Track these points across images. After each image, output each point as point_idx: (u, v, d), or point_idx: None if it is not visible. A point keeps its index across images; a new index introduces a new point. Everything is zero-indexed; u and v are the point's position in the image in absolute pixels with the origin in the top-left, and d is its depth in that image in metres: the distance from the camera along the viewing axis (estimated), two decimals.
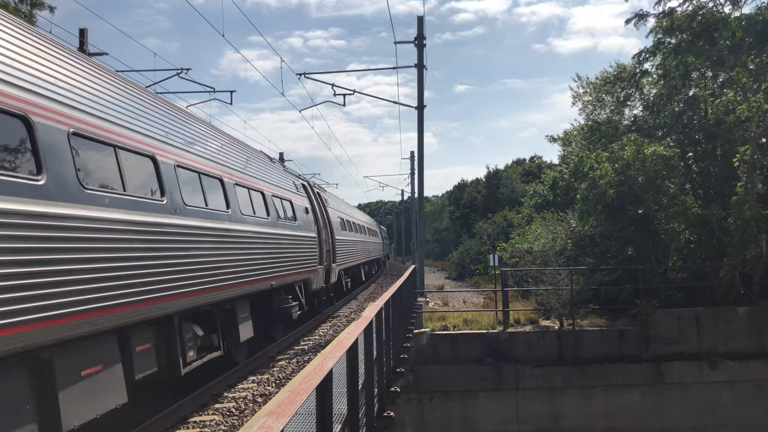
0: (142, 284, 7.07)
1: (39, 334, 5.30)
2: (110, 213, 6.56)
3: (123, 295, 6.64)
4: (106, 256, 6.39)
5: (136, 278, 6.95)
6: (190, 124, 10.29)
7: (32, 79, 5.83)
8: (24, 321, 5.11)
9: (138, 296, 6.96)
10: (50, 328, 5.44)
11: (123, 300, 6.64)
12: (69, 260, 5.81)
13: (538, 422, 15.81)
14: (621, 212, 18.16)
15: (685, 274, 17.85)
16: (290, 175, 17.55)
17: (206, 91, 23.55)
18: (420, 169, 23.85)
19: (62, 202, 5.82)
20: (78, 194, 6.07)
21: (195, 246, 8.68)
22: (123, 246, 6.72)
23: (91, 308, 6.05)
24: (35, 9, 20.03)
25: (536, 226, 23.36)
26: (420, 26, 22.18)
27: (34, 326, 5.23)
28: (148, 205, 7.45)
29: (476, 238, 40.38)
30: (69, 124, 6.19)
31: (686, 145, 19.99)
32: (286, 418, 3.05)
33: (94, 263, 6.18)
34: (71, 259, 5.85)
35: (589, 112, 26.56)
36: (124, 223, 6.82)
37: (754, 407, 16.29)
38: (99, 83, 7.26)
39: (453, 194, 76.46)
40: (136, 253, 7.00)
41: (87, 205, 6.18)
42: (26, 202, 5.31)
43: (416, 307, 17.31)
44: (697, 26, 17.57)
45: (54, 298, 5.51)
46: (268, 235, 12.40)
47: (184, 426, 8.06)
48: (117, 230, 6.65)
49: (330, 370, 4.31)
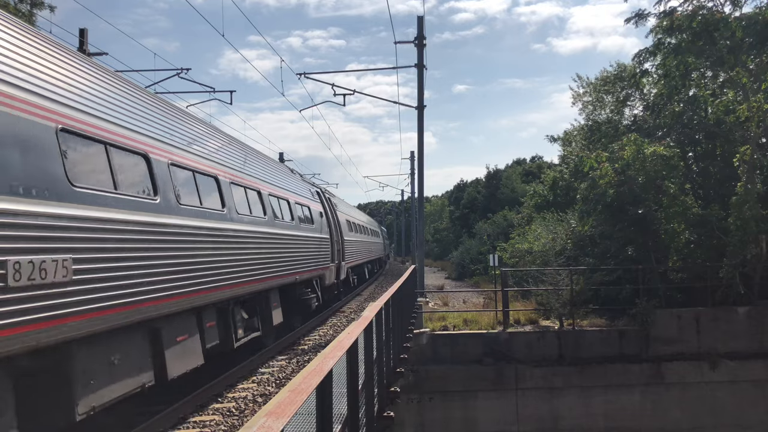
0: (211, 275, 9.08)
1: (153, 309, 7.35)
2: (202, 222, 9.02)
3: (200, 284, 8.63)
4: (191, 254, 8.46)
5: (208, 271, 8.99)
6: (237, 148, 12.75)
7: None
8: (144, 299, 7.08)
9: (208, 285, 8.96)
10: (161, 305, 7.53)
11: (200, 287, 8.65)
12: (178, 255, 8.07)
13: (538, 422, 15.80)
14: (621, 212, 18.16)
15: (685, 274, 17.84)
16: (307, 184, 20.19)
17: (206, 91, 23.58)
18: (420, 170, 23.85)
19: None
20: (176, 208, 8.25)
21: (245, 246, 10.78)
22: (204, 246, 8.95)
23: (186, 291, 8.15)
24: (35, 9, 20.02)
25: (536, 226, 23.35)
26: (420, 26, 22.18)
27: (152, 303, 7.30)
28: (213, 214, 9.48)
29: (476, 238, 40.42)
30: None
31: (686, 145, 20.00)
32: (286, 418, 3.05)
33: (193, 258, 8.45)
34: (179, 255, 8.08)
35: (589, 112, 26.62)
36: (205, 230, 9.02)
37: (754, 407, 16.29)
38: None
39: (453, 194, 76.51)
40: (208, 251, 9.12)
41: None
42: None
43: (416, 307, 17.31)
44: (697, 26, 17.57)
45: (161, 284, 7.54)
46: (294, 236, 14.73)
47: (184, 426, 8.05)
48: (203, 235, 8.95)
49: (330, 370, 4.31)
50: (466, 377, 15.72)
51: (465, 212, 56.83)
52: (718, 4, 18.26)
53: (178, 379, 8.64)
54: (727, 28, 17.04)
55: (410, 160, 45.48)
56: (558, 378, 15.97)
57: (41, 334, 5.33)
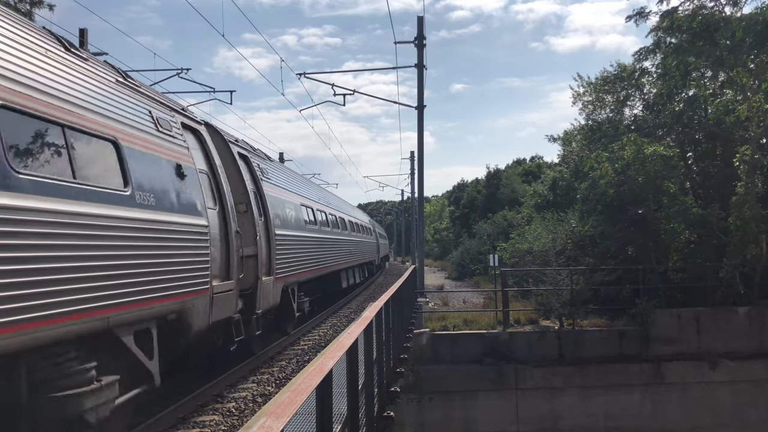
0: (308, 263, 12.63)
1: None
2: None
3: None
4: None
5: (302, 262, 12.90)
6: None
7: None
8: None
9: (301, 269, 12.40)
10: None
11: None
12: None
13: (538, 422, 15.80)
14: (621, 212, 18.16)
15: (685, 274, 17.84)
16: (367, 216, 27.25)
17: (206, 91, 23.56)
18: (420, 170, 23.85)
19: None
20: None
21: (318, 247, 14.68)
22: (310, 245, 12.69)
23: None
24: (34, 7, 20.01)
25: (536, 226, 23.35)
26: (420, 26, 22.17)
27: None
28: (312, 227, 12.76)
29: (476, 238, 40.36)
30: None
31: (686, 145, 20.00)
32: (286, 418, 3.05)
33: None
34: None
35: (589, 111, 26.60)
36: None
37: (754, 407, 16.29)
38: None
39: (453, 194, 76.46)
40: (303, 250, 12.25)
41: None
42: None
43: (416, 307, 17.31)
44: (698, 26, 17.59)
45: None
46: (370, 242, 20.12)
47: (184, 426, 8.04)
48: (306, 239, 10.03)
49: (330, 370, 4.31)
50: (466, 377, 15.72)
51: (465, 212, 56.78)
52: (718, 4, 18.27)
53: (178, 379, 8.61)
54: (728, 29, 17.05)
55: (410, 160, 45.49)
56: (558, 378, 15.97)
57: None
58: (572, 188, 23.86)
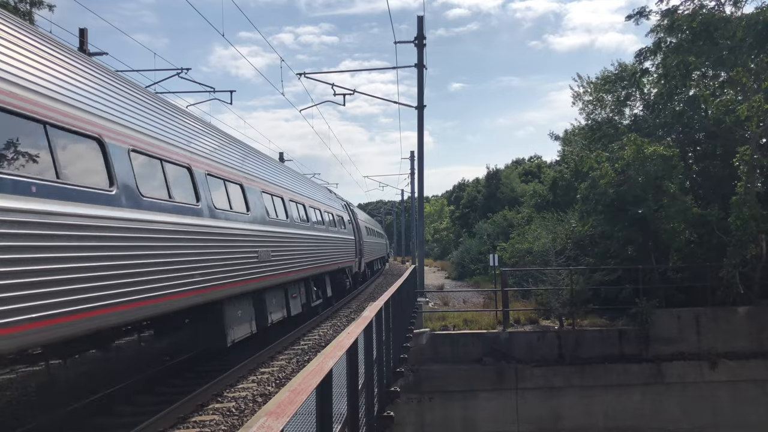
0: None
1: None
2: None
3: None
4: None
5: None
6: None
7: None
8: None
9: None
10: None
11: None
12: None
13: (538, 422, 15.80)
14: (621, 212, 18.17)
15: (685, 274, 17.85)
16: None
17: (206, 91, 23.54)
18: (420, 170, 23.86)
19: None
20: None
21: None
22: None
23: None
24: (34, 8, 20.02)
25: (536, 226, 23.34)
26: (420, 26, 22.18)
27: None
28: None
29: (476, 238, 40.36)
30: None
31: (686, 145, 20.01)
32: (286, 418, 3.04)
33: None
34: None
35: (589, 111, 26.55)
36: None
37: (754, 407, 16.29)
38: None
39: (453, 194, 76.49)
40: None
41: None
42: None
43: (416, 307, 17.30)
44: (698, 26, 17.59)
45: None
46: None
47: (184, 426, 8.04)
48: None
49: (330, 370, 4.31)
50: (466, 377, 15.72)
51: (465, 212, 56.80)
52: (718, 4, 18.27)
53: (177, 378, 8.65)
54: (728, 28, 17.05)
55: (410, 159, 45.52)
56: (558, 378, 15.97)
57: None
58: (572, 188, 23.85)
